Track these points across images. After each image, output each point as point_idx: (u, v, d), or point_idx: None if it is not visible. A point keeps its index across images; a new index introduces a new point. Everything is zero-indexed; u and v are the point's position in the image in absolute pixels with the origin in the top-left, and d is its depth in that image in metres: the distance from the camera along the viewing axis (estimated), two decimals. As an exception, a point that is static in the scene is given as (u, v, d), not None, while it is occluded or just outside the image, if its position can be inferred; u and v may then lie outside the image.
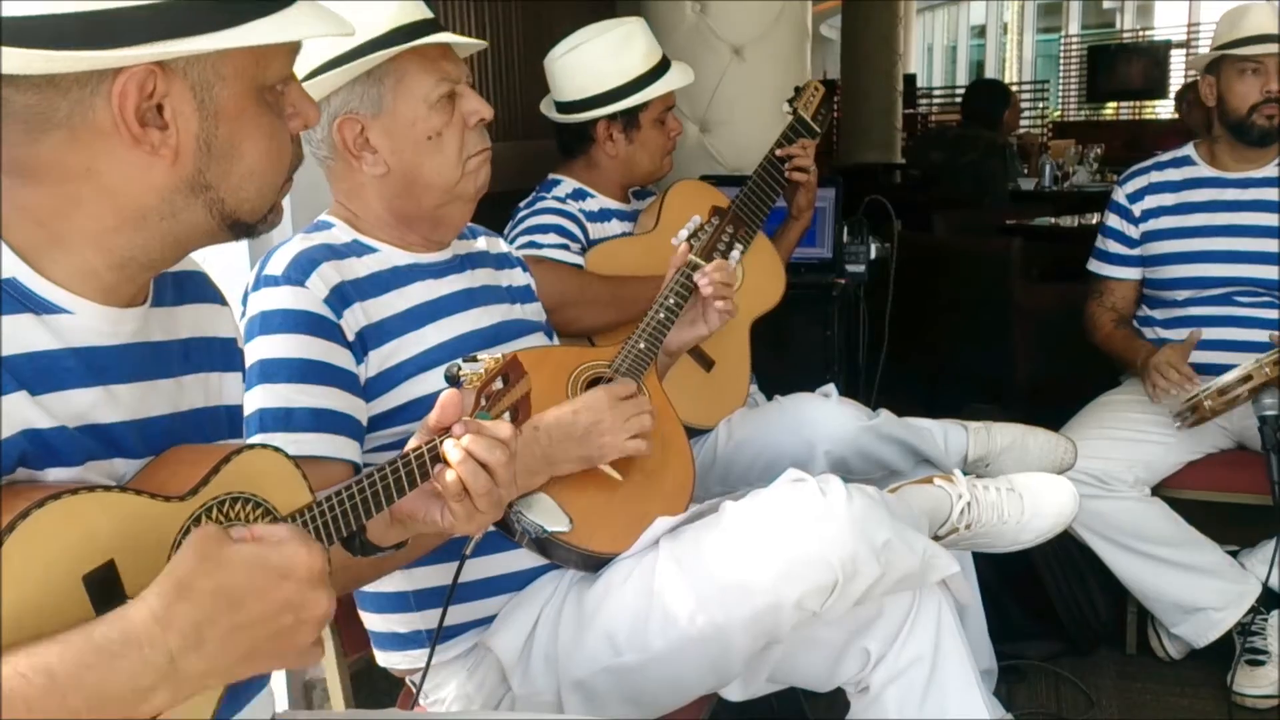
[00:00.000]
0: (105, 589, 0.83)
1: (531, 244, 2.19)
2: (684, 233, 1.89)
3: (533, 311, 1.77)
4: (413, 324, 1.53)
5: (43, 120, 0.89)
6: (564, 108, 2.32)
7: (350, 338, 1.46)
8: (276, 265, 1.46)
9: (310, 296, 1.44)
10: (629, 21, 2.31)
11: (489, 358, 1.17)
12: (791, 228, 2.53)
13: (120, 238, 0.94)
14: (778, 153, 2.37)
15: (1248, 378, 2.20)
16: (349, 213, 1.58)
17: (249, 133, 0.96)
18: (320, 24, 0.97)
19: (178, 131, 0.92)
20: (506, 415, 1.18)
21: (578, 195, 2.34)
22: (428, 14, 1.52)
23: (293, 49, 1.00)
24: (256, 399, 1.40)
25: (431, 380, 1.48)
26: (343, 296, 1.46)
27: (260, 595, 0.84)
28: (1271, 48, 2.41)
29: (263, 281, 1.45)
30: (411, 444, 1.12)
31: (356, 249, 1.54)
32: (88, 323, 0.94)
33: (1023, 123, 10.09)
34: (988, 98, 6.24)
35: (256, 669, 0.86)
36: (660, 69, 2.31)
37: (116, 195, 0.93)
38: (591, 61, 2.26)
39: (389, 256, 1.56)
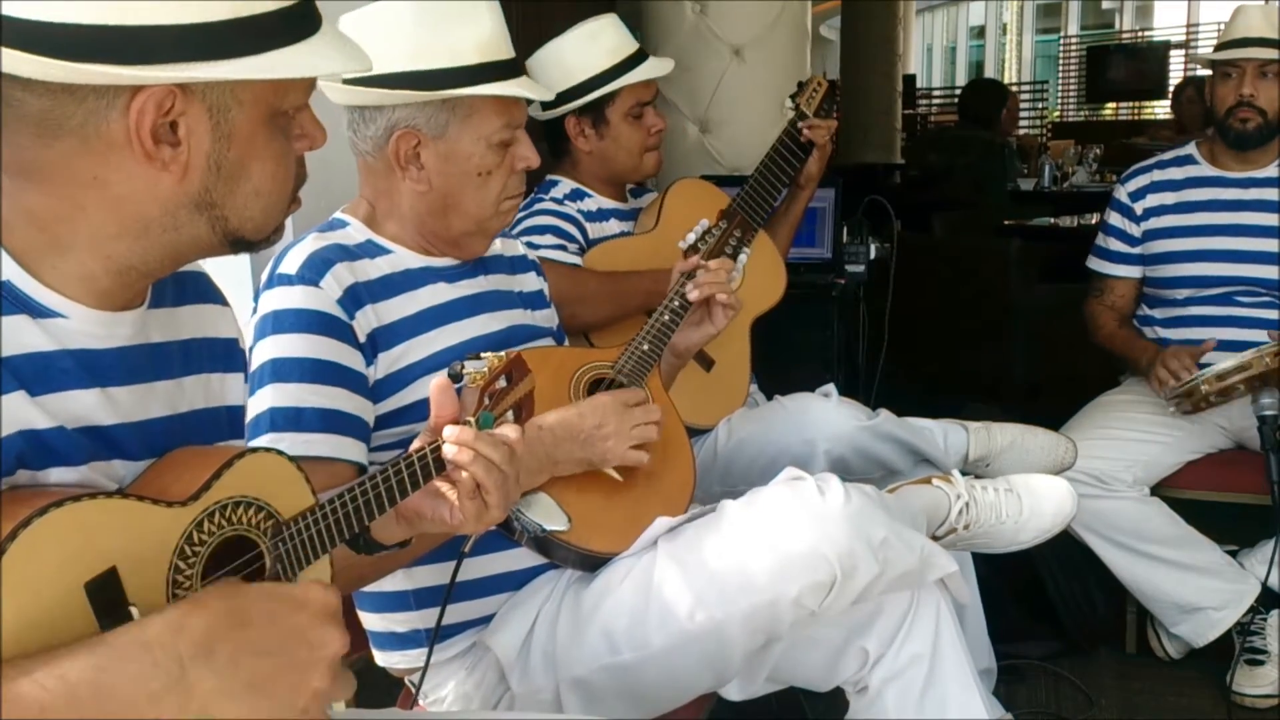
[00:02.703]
0: (107, 597, 0.83)
1: (528, 245, 2.18)
2: (691, 236, 1.89)
3: (544, 318, 1.77)
4: (423, 327, 1.53)
5: (55, 126, 0.89)
6: (542, 106, 2.32)
7: (362, 339, 1.46)
8: (291, 264, 1.46)
9: (324, 297, 1.44)
10: (602, 17, 2.30)
11: (493, 356, 1.18)
12: (797, 199, 2.49)
13: (120, 245, 0.94)
14: (799, 124, 2.36)
15: (1246, 366, 2.20)
16: (370, 210, 1.58)
17: (259, 155, 0.97)
18: (344, 58, 0.98)
19: (189, 150, 0.92)
20: (510, 414, 1.19)
21: (575, 196, 2.33)
22: (513, 52, 1.55)
23: (313, 79, 1.00)
24: (267, 398, 1.40)
25: None
26: (355, 298, 1.47)
27: (272, 620, 0.85)
28: (1249, 52, 2.42)
29: (276, 280, 1.46)
30: (416, 444, 1.12)
31: (370, 250, 1.55)
32: (82, 327, 0.94)
33: (1021, 123, 10.10)
34: (984, 98, 6.24)
35: (266, 706, 0.84)
36: (630, 63, 2.27)
37: (121, 205, 0.93)
38: (558, 57, 2.26)
39: (402, 259, 1.57)
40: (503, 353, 1.19)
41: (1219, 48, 2.50)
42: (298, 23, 0.95)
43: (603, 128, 2.29)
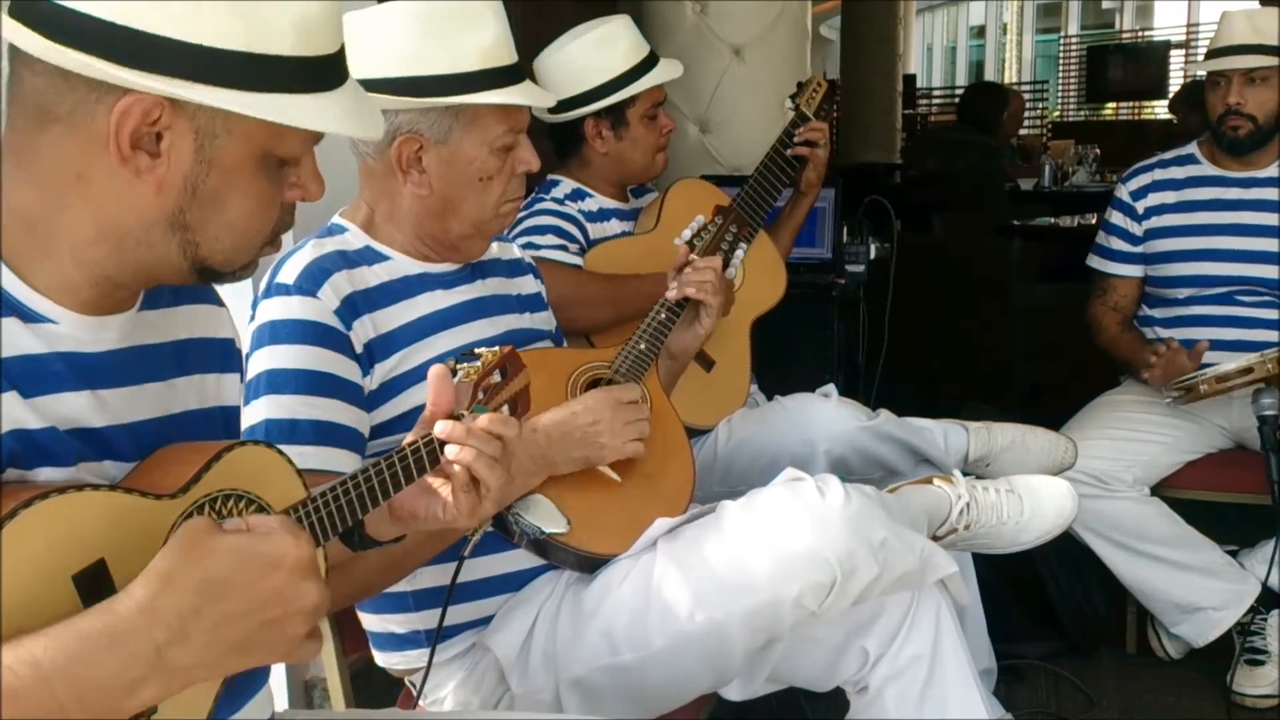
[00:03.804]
0: (96, 588, 0.83)
1: (529, 245, 2.19)
2: (687, 233, 1.89)
3: (542, 320, 1.77)
4: (419, 335, 1.53)
5: (46, 110, 0.90)
6: (553, 108, 2.32)
7: (358, 350, 1.46)
8: (289, 274, 1.46)
9: (321, 307, 1.44)
10: (613, 19, 2.31)
11: (487, 351, 1.17)
12: (799, 204, 2.50)
13: (99, 252, 0.94)
14: (795, 134, 2.36)
15: (1249, 370, 2.20)
16: (369, 214, 1.58)
17: (240, 189, 0.95)
18: (350, 121, 0.97)
19: (168, 164, 0.91)
20: (505, 409, 1.18)
21: (576, 196, 2.33)
22: (515, 57, 1.54)
23: (317, 132, 0.98)
24: (262, 409, 1.40)
25: None
26: (353, 308, 1.47)
27: (247, 586, 0.84)
28: (1232, 61, 2.41)
29: (274, 290, 1.45)
30: (409, 438, 1.12)
31: (368, 256, 1.55)
32: (71, 331, 0.94)
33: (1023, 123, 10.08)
34: (983, 102, 6.25)
35: (249, 661, 0.85)
36: (646, 65, 2.29)
37: (101, 207, 0.92)
38: (575, 60, 2.26)
39: (400, 265, 1.56)
40: (496, 348, 1.19)
41: (1208, 56, 2.50)
42: (314, 74, 0.94)
43: (622, 129, 2.29)
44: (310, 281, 1.45)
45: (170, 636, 0.80)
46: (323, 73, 0.95)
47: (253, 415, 1.39)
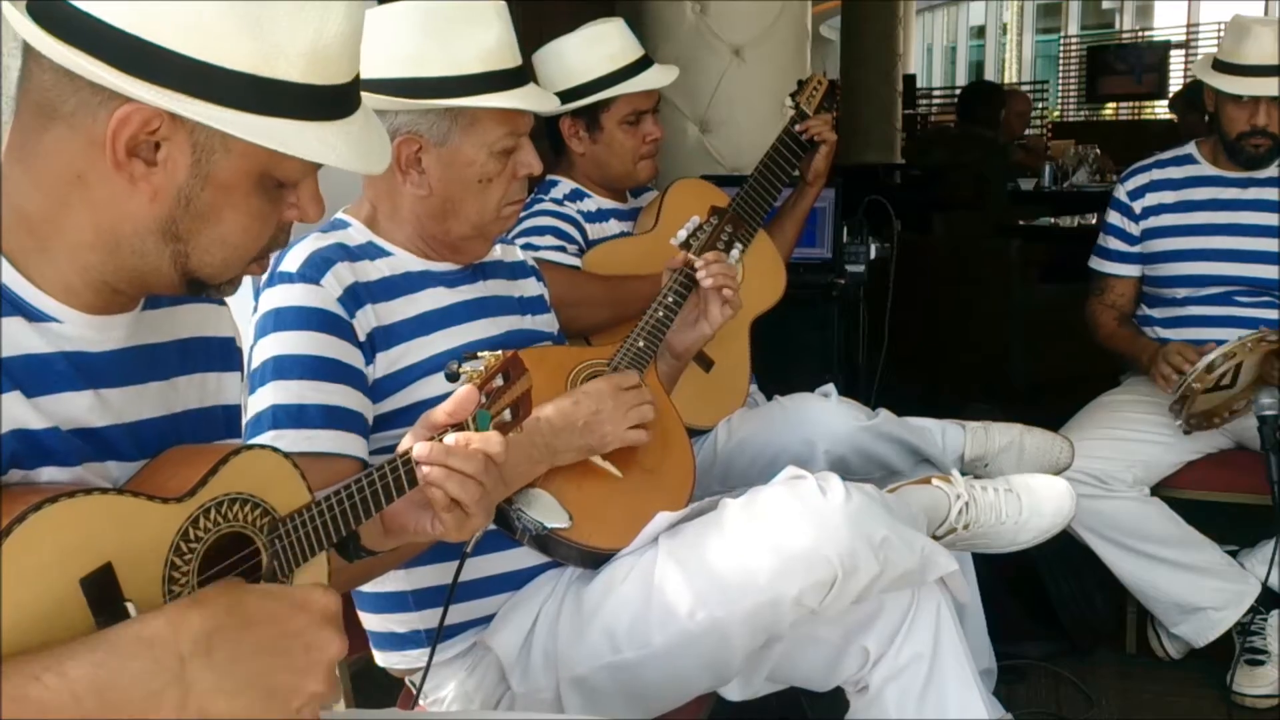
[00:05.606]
0: (103, 592, 0.83)
1: (528, 245, 2.19)
2: (683, 233, 1.89)
3: (544, 322, 1.77)
4: (422, 330, 1.53)
5: (50, 109, 0.90)
6: None
7: (361, 338, 1.47)
8: (291, 262, 1.47)
9: (324, 294, 1.45)
10: (608, 21, 2.29)
11: (490, 355, 1.18)
12: (805, 194, 2.49)
13: (94, 257, 0.94)
14: (796, 127, 2.36)
15: (1232, 354, 2.20)
16: (372, 212, 1.58)
17: (234, 206, 0.95)
18: (354, 155, 0.96)
19: (164, 175, 0.91)
20: (507, 413, 1.19)
21: (575, 196, 2.33)
22: (518, 60, 1.54)
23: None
24: (269, 395, 1.40)
25: (437, 384, 1.49)
26: (356, 297, 1.47)
27: (272, 620, 0.85)
28: (1260, 87, 2.37)
29: (277, 278, 1.46)
30: (404, 443, 1.12)
31: (370, 251, 1.55)
32: (75, 331, 0.95)
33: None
34: (980, 101, 6.27)
35: (261, 708, 0.84)
36: (632, 70, 2.26)
37: (99, 211, 0.92)
38: (559, 58, 2.25)
39: (403, 261, 1.57)
40: (499, 351, 1.20)
41: (1225, 65, 2.43)
42: (322, 103, 0.94)
43: (596, 133, 2.28)
44: (313, 270, 1.46)
45: (195, 649, 0.80)
46: (332, 102, 0.95)
47: (260, 401, 1.40)
